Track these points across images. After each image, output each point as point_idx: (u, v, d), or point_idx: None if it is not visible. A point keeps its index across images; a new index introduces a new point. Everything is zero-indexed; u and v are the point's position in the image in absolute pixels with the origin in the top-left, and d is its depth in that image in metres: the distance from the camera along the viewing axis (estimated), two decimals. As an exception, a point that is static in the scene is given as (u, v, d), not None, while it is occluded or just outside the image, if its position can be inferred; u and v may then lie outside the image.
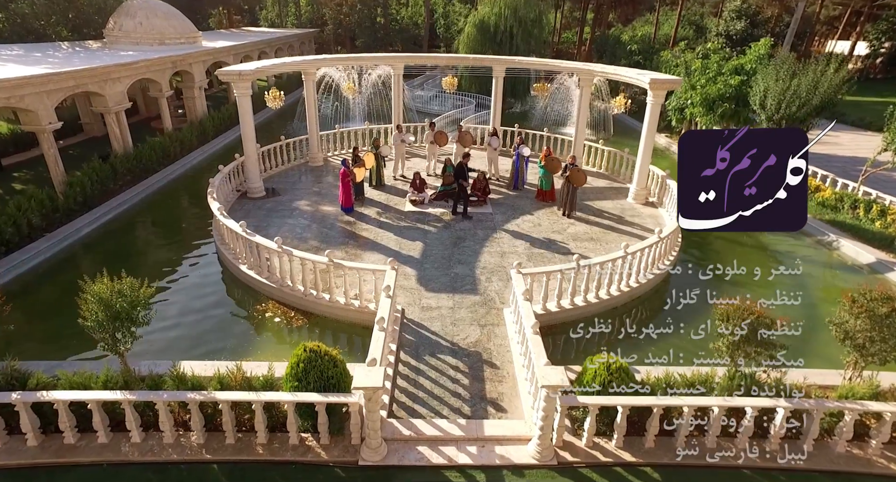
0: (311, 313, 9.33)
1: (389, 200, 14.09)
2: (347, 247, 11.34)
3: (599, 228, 12.65)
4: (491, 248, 11.44)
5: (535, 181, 15.52)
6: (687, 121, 20.42)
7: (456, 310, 9.11)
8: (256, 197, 14.03)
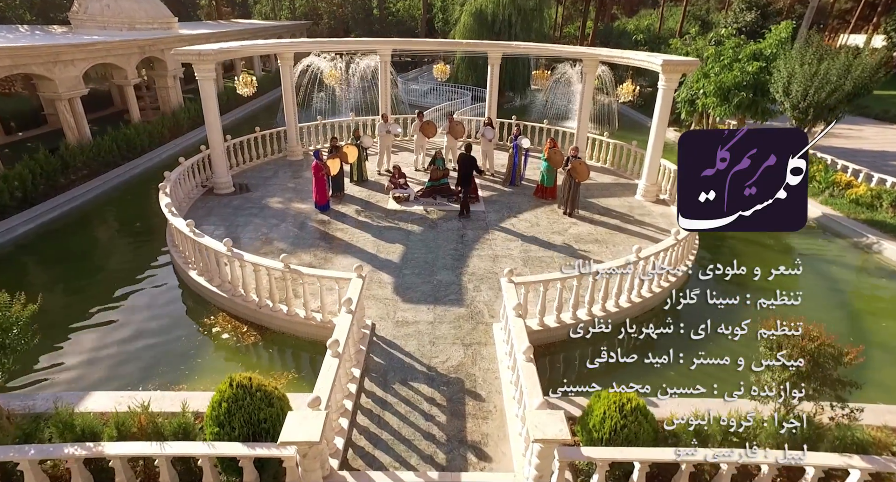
0: (267, 328, 7.91)
1: (371, 197, 12.67)
2: (317, 249, 9.93)
3: (605, 229, 11.21)
4: (481, 251, 10.01)
5: (534, 177, 14.10)
6: (698, 113, 18.96)
7: (436, 326, 7.68)
8: (224, 193, 12.63)
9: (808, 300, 9.67)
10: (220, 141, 12.26)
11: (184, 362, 7.32)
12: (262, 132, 15.10)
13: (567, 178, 11.64)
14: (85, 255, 10.83)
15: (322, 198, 11.55)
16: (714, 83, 15.88)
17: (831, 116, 13.01)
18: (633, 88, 13.49)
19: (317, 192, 11.50)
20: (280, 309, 7.76)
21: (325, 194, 11.58)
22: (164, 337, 7.93)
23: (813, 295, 9.92)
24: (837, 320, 8.92)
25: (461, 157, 11.25)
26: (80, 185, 12.96)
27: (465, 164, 11.19)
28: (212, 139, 12.17)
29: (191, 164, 12.24)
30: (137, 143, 15.40)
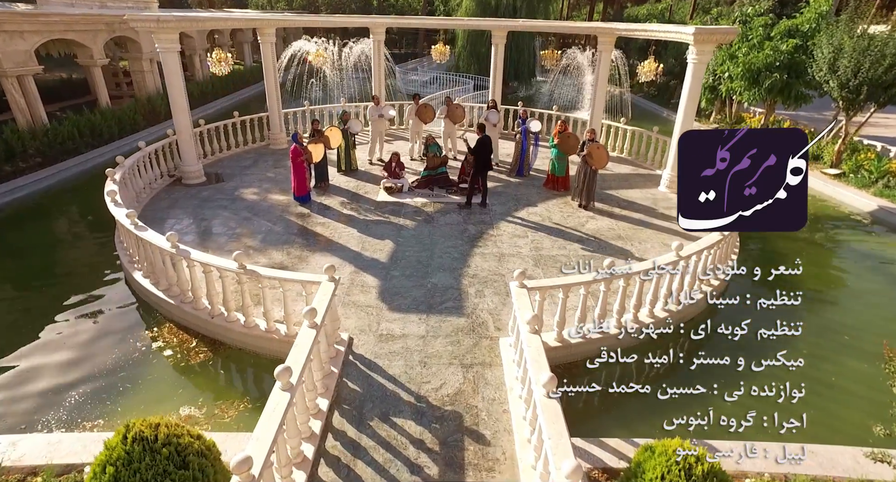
0: (221, 342, 6.43)
1: (360, 188, 11.18)
2: (292, 247, 8.44)
3: (628, 224, 9.70)
4: (485, 249, 8.51)
5: (543, 167, 12.61)
6: (720, 100, 17.41)
7: (429, 341, 6.19)
8: (193, 183, 11.17)
9: (880, 307, 8.15)
10: (188, 124, 10.78)
11: (107, 389, 5.82)
12: (240, 117, 13.64)
13: (582, 165, 10.14)
14: (21, 253, 9.37)
15: (302, 188, 10.06)
16: (742, 64, 14.31)
17: (885, 96, 11.46)
18: (656, 66, 11.97)
19: (295, 182, 10.01)
20: (236, 319, 6.28)
21: (306, 184, 10.09)
22: (89, 352, 6.44)
23: (885, 301, 8.42)
24: None
25: (479, 140, 9.74)
26: (28, 174, 11.49)
27: (481, 147, 9.69)
28: (178, 122, 10.70)
29: (153, 151, 10.77)
30: (104, 130, 13.93)
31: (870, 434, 4.22)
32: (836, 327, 7.45)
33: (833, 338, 7.15)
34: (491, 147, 9.76)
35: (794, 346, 6.34)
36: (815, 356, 6.60)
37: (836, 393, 6.07)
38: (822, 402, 5.73)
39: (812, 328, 7.30)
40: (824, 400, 5.83)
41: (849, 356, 6.79)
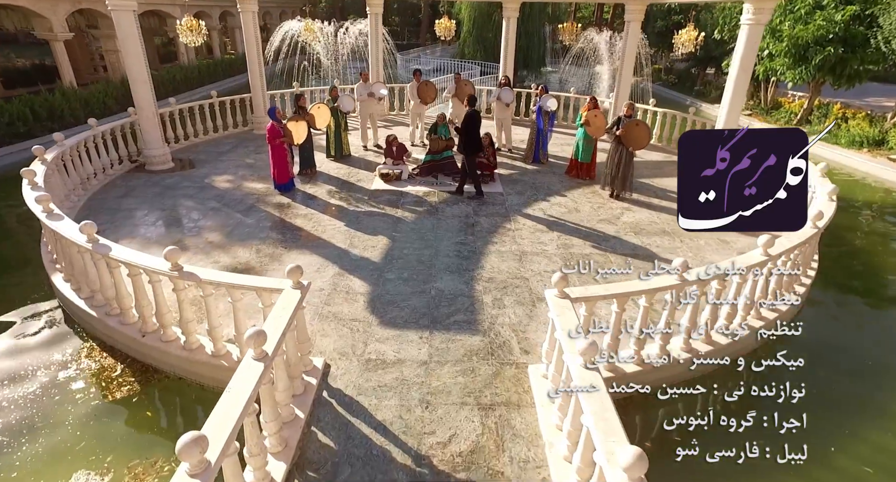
0: (156, 369, 4.83)
1: (351, 176, 9.57)
2: (264, 243, 6.84)
3: (670, 216, 8.05)
4: (501, 246, 6.89)
5: (561, 153, 11.04)
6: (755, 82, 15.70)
7: (433, 369, 4.57)
8: (158, 169, 9.58)
9: None
10: (150, 100, 9.19)
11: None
12: (219, 98, 12.05)
13: (616, 147, 8.50)
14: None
15: (282, 174, 8.45)
16: (788, 39, 12.61)
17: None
18: (697, 35, 10.31)
19: (275, 167, 8.41)
20: (174, 337, 4.68)
21: (287, 169, 8.47)
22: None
23: None
24: None
25: (467, 114, 8.12)
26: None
27: (470, 123, 8.06)
28: (137, 97, 9.11)
29: (108, 131, 9.18)
30: (66, 111, 12.35)
31: None
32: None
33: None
34: (476, 124, 8.10)
35: None
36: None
37: None
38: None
39: None
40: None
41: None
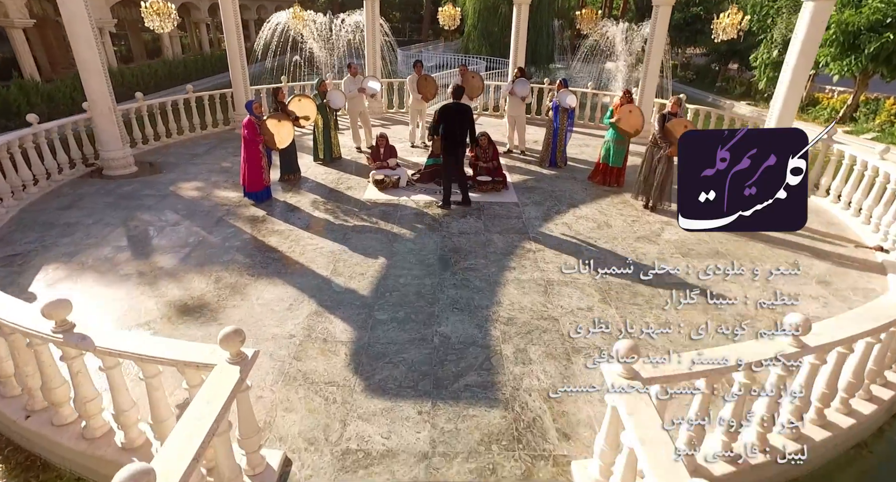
0: (46, 463, 3.49)
1: (341, 182, 8.25)
2: (227, 269, 5.51)
3: (723, 233, 6.70)
4: (522, 273, 5.55)
5: (581, 155, 9.73)
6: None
7: (437, 467, 3.23)
8: (118, 174, 8.27)
9: None
10: (105, 93, 7.88)
11: None
12: (196, 93, 10.74)
13: (654, 151, 7.16)
14: None
15: (256, 180, 7.13)
16: (836, 26, 11.22)
17: None
18: (740, 19, 8.94)
19: (247, 172, 7.08)
20: (70, 419, 3.34)
21: (261, 175, 7.14)
22: None
23: None
24: None
25: (442, 107, 6.82)
26: None
27: (457, 115, 6.74)
28: (90, 90, 7.81)
29: (53, 128, 7.88)
30: (24, 107, 11.03)
31: None
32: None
33: None
34: (461, 118, 6.78)
35: None
36: None
37: None
38: None
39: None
40: None
41: None
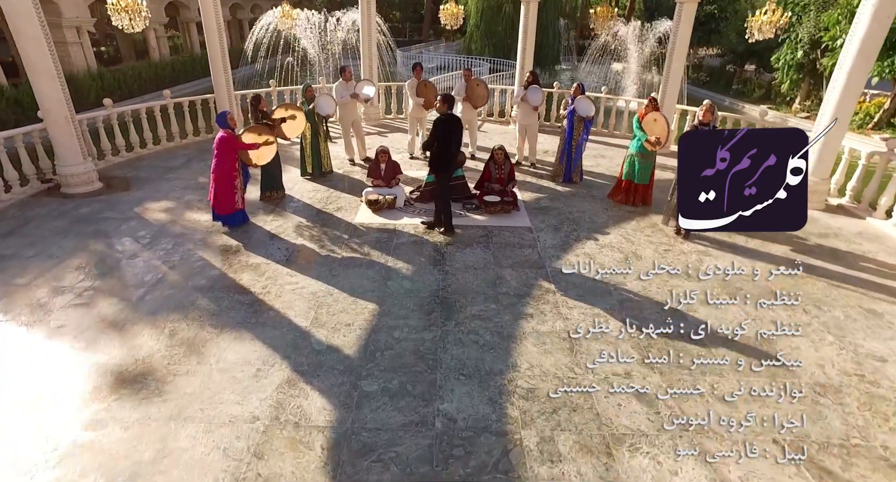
0: None
1: (330, 202, 7.30)
2: (185, 317, 4.57)
3: (770, 264, 5.74)
4: (541, 323, 4.60)
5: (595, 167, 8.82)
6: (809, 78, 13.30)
7: None
8: (80, 192, 7.34)
9: None
10: (61, 100, 6.93)
11: None
12: (174, 99, 9.80)
13: (688, 167, 6.18)
14: None
15: (226, 201, 6.16)
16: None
17: None
18: (780, 15, 7.98)
19: (216, 190, 6.11)
20: None
21: (233, 196, 6.18)
22: None
23: None
24: None
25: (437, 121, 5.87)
26: None
27: (441, 130, 5.79)
28: (42, 97, 6.87)
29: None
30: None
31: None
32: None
33: None
34: (457, 132, 5.85)
35: None
36: None
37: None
38: None
39: None
40: None
41: None
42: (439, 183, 6.16)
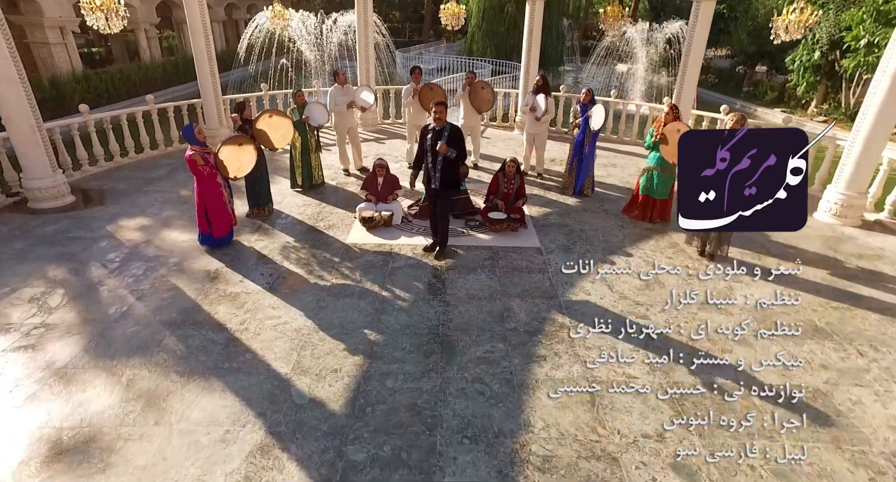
0: None
1: (321, 218, 6.71)
2: (150, 362, 3.97)
3: (809, 293, 5.14)
4: (556, 367, 4.00)
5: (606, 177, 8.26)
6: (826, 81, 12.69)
7: None
8: (49, 207, 6.75)
9: None
10: (25, 109, 6.35)
11: None
12: (158, 105, 9.23)
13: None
14: None
15: (223, 222, 5.60)
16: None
17: None
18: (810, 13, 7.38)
19: (208, 214, 5.54)
20: None
21: (227, 213, 5.59)
22: None
23: None
24: None
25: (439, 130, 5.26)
26: None
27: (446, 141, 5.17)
28: (1, 102, 6.25)
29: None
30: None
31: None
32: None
33: None
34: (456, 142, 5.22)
35: None
36: None
37: None
38: None
39: None
40: None
41: None
42: (441, 202, 5.53)
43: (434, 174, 5.21)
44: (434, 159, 5.17)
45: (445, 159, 5.12)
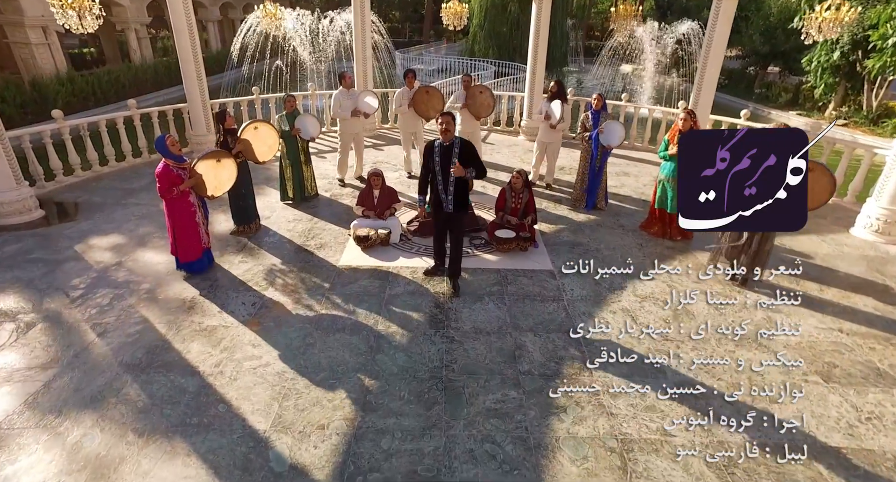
0: None
1: (313, 235, 6.14)
2: (103, 418, 3.40)
3: (864, 327, 4.55)
4: (579, 421, 3.42)
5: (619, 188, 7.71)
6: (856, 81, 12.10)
7: None
8: (13, 223, 6.19)
9: None
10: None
11: None
12: (141, 110, 8.66)
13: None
14: None
15: (192, 246, 5.01)
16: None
17: None
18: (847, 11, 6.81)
19: (177, 237, 4.96)
20: None
21: (198, 239, 5.01)
22: None
23: None
24: None
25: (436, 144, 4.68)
26: None
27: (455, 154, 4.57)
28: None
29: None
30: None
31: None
32: None
33: None
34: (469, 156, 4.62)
35: None
36: None
37: None
38: None
39: None
40: None
41: None
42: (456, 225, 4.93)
43: (446, 197, 4.62)
44: (446, 181, 4.57)
45: (459, 178, 4.54)
